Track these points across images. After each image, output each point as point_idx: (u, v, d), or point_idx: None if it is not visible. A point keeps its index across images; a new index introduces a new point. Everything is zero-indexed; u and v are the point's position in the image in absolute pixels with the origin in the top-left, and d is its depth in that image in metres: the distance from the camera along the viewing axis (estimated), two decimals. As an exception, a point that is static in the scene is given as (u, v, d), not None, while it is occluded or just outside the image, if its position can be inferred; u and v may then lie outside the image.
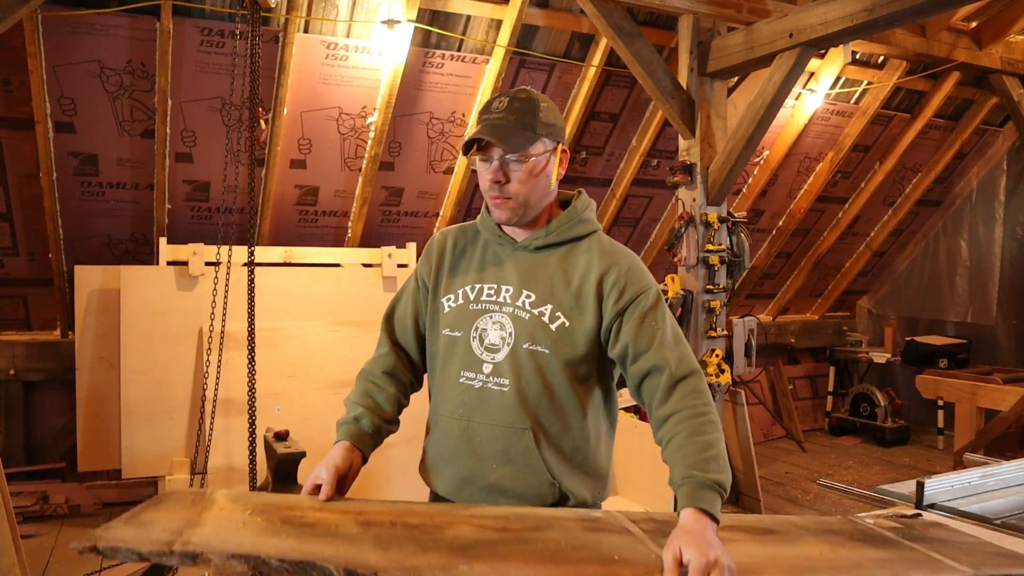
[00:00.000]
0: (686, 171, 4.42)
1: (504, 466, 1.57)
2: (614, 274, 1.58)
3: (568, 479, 1.58)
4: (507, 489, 1.57)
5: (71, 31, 3.77)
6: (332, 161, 4.64)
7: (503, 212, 1.60)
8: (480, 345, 1.60)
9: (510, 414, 1.56)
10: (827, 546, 1.50)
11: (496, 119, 1.56)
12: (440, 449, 1.65)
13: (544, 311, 1.58)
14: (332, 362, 4.43)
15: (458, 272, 1.68)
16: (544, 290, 1.59)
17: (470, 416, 1.59)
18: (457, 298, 1.65)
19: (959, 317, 6.70)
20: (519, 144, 1.55)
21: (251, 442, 3.41)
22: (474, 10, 4.29)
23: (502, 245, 1.66)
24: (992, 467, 2.09)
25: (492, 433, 1.57)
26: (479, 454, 1.58)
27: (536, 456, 1.56)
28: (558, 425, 1.58)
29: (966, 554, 1.52)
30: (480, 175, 1.61)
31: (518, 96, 1.59)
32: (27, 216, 4.28)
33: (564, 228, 1.63)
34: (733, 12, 4.25)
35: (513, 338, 1.57)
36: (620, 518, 1.52)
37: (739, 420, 4.86)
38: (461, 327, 1.62)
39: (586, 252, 1.62)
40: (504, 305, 1.60)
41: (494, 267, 1.64)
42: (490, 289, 1.62)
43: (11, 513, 2.67)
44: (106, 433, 4.41)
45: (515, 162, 1.56)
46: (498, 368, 1.57)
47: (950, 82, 5.67)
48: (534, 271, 1.61)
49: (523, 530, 1.41)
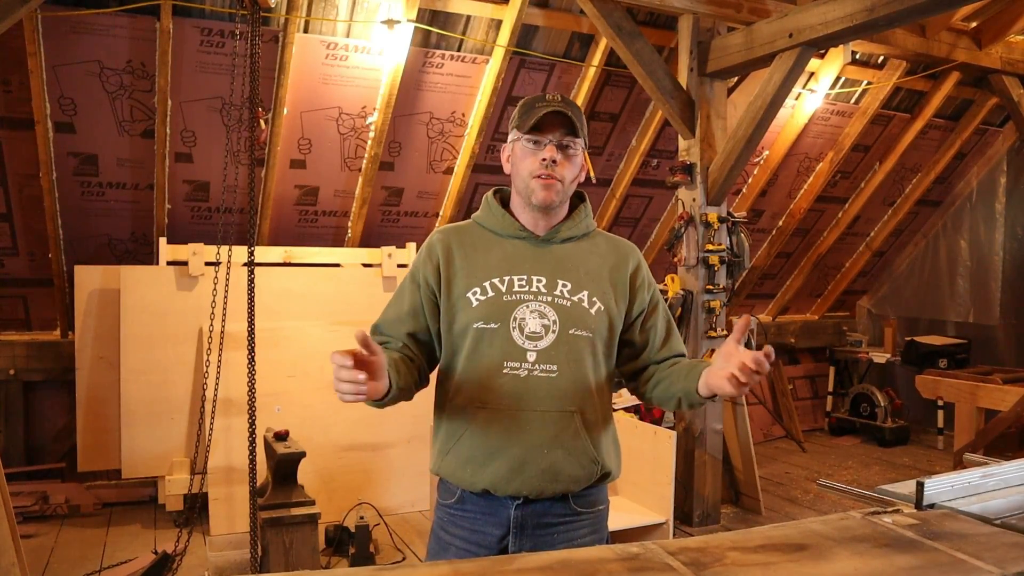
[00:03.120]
0: (686, 171, 4.42)
1: (556, 450, 1.63)
2: (643, 270, 1.78)
3: (606, 456, 1.70)
4: (560, 472, 1.63)
5: (71, 31, 3.77)
6: (332, 161, 4.64)
7: (550, 193, 1.65)
8: (521, 334, 1.63)
9: (560, 399, 1.63)
10: (858, 558, 1.51)
11: (558, 106, 1.65)
12: (482, 443, 1.64)
13: (583, 297, 1.67)
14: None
15: (477, 266, 1.68)
16: (577, 278, 1.69)
17: (518, 405, 1.62)
18: (486, 291, 1.65)
19: (959, 317, 6.70)
20: (580, 130, 1.67)
21: (251, 442, 3.41)
22: (474, 10, 4.29)
23: (523, 239, 1.71)
24: (992, 467, 2.09)
25: (543, 419, 1.62)
26: (530, 441, 1.62)
27: (584, 437, 1.65)
28: (595, 404, 1.68)
29: (987, 550, 1.54)
30: (526, 157, 1.67)
31: (563, 95, 1.70)
32: (27, 216, 4.29)
33: (583, 222, 1.76)
34: (733, 12, 4.25)
35: (559, 325, 1.64)
36: (658, 552, 1.51)
37: (739, 420, 4.85)
38: (497, 318, 1.64)
39: (604, 243, 1.78)
40: (540, 294, 1.66)
41: (520, 260, 1.68)
42: (521, 280, 1.66)
43: (11, 513, 2.67)
44: (106, 433, 4.41)
45: (569, 147, 1.67)
46: (544, 355, 1.63)
47: (950, 82, 5.67)
48: (563, 262, 1.70)
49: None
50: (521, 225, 1.71)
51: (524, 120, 1.67)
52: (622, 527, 3.73)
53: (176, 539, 3.76)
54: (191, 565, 3.73)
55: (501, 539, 1.67)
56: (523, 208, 1.71)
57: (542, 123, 1.64)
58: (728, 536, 1.68)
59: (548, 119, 1.64)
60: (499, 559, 1.57)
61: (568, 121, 1.65)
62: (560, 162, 1.65)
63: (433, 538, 1.77)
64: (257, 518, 3.25)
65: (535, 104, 1.67)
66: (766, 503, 4.80)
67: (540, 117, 1.63)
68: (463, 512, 1.70)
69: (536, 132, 1.65)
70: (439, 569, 1.50)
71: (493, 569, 1.48)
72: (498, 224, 1.72)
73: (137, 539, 4.10)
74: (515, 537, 1.66)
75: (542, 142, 1.65)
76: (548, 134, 1.65)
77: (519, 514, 1.65)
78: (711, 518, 4.49)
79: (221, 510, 3.98)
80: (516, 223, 1.71)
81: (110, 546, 4.00)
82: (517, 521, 1.65)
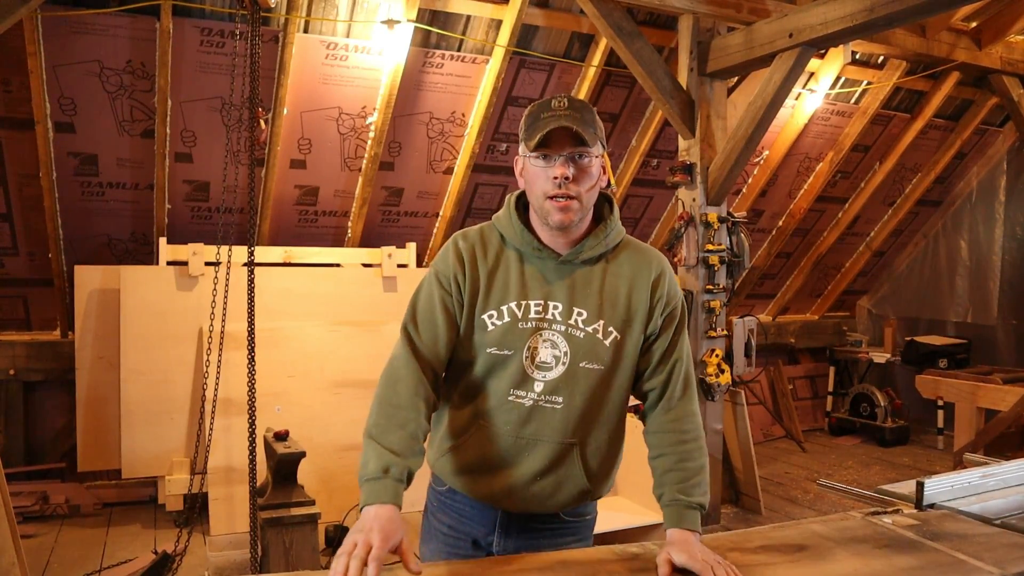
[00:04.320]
0: (686, 171, 4.42)
1: (549, 477, 1.61)
2: (663, 282, 1.64)
3: (599, 483, 1.67)
4: (548, 497, 1.62)
5: (71, 31, 3.77)
6: (332, 161, 4.64)
7: (567, 215, 1.53)
8: (531, 364, 1.58)
9: (561, 431, 1.59)
10: (859, 559, 1.52)
11: (563, 115, 1.52)
12: (479, 458, 1.63)
13: (597, 327, 1.59)
14: (332, 362, 4.43)
15: (496, 286, 1.60)
16: (594, 306, 1.59)
17: (519, 433, 1.60)
18: (502, 315, 1.58)
19: (959, 317, 6.70)
20: (591, 139, 1.53)
21: (251, 442, 3.41)
22: (474, 10, 4.29)
23: (542, 259, 1.60)
24: (992, 467, 2.09)
25: (542, 449, 1.60)
26: (525, 467, 1.60)
27: (579, 467, 1.62)
28: (601, 435, 1.64)
29: (987, 550, 1.54)
30: (538, 177, 1.55)
31: (572, 98, 1.57)
32: (27, 216, 4.28)
33: (608, 238, 1.62)
34: (733, 12, 4.25)
35: (569, 357, 1.58)
36: (657, 551, 1.52)
37: (739, 420, 4.85)
38: (512, 346, 1.57)
39: (627, 260, 1.64)
40: (555, 323, 1.58)
41: (537, 283, 1.59)
42: (537, 306, 1.58)
43: (11, 513, 2.66)
44: (106, 433, 4.41)
45: (582, 159, 1.54)
46: (550, 385, 1.58)
47: (950, 82, 5.66)
48: (581, 286, 1.60)
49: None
50: (540, 243, 1.60)
51: (530, 134, 1.54)
52: (622, 527, 3.73)
53: (176, 539, 3.76)
54: (191, 565, 3.73)
55: (486, 536, 1.68)
56: (542, 225, 1.60)
57: (549, 138, 1.52)
58: (728, 536, 1.68)
59: (555, 134, 1.52)
60: (499, 559, 1.57)
61: (575, 132, 1.51)
62: (574, 176, 1.52)
63: (424, 520, 1.79)
64: (257, 518, 3.25)
65: (540, 115, 1.55)
66: (766, 503, 4.80)
67: (545, 134, 1.51)
68: (452, 502, 1.70)
69: (544, 147, 1.53)
70: (438, 569, 1.50)
71: (493, 569, 1.48)
72: (517, 240, 1.61)
73: (137, 539, 4.10)
74: (499, 537, 1.67)
75: (552, 157, 1.53)
76: (557, 149, 1.52)
77: (505, 518, 1.66)
78: (711, 518, 4.49)
79: (221, 510, 3.98)
80: (535, 241, 1.60)
81: (110, 546, 4.00)
82: (503, 523, 1.66)
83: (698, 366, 4.41)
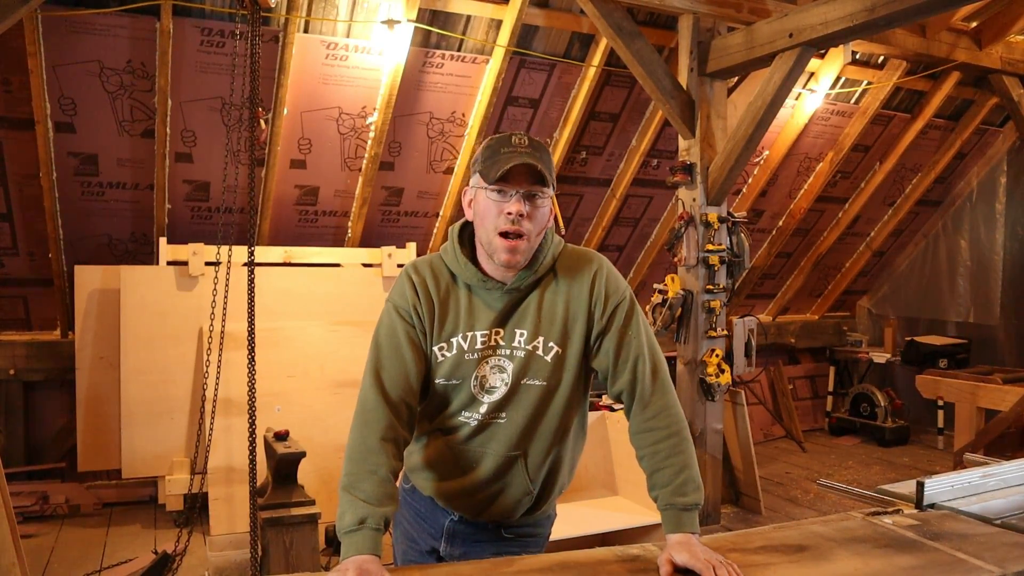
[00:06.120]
0: (686, 171, 4.42)
1: (496, 484, 1.70)
2: (599, 281, 1.66)
3: (545, 488, 1.74)
4: (493, 501, 1.71)
5: (71, 31, 3.77)
6: (332, 161, 4.64)
7: (514, 256, 1.58)
8: (481, 389, 1.65)
9: (506, 444, 1.67)
10: (859, 559, 1.52)
11: (524, 151, 1.55)
12: (435, 462, 1.73)
13: (537, 344, 1.64)
14: (332, 362, 4.43)
15: (448, 319, 1.65)
16: (533, 324, 1.64)
17: (469, 446, 1.68)
18: (451, 347, 1.64)
19: (960, 317, 6.70)
20: (548, 179, 1.58)
21: (251, 442, 3.40)
22: (474, 10, 4.29)
23: (488, 290, 1.64)
24: (992, 467, 2.09)
25: (490, 460, 1.68)
26: (476, 475, 1.69)
27: (523, 476, 1.69)
28: (545, 444, 1.69)
29: (987, 549, 1.54)
30: (490, 211, 1.57)
31: (531, 136, 1.61)
32: (27, 216, 4.28)
33: (542, 264, 1.66)
34: (733, 12, 4.25)
35: (511, 376, 1.64)
36: (658, 553, 1.54)
37: (739, 420, 4.85)
38: (461, 376, 1.64)
39: (565, 273, 1.67)
40: (499, 348, 1.64)
41: (483, 312, 1.65)
42: (483, 336, 1.64)
43: (11, 513, 2.66)
44: (106, 433, 4.41)
45: (538, 197, 1.58)
46: (495, 405, 1.65)
47: (950, 82, 5.66)
48: (523, 309, 1.65)
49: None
50: (485, 274, 1.64)
51: (489, 168, 1.56)
52: (622, 527, 3.74)
53: (176, 539, 3.76)
54: (191, 565, 3.73)
55: (434, 540, 1.78)
56: (487, 258, 1.63)
57: (509, 173, 1.55)
58: (728, 537, 1.68)
59: (515, 170, 1.55)
60: (499, 560, 1.58)
61: (536, 170, 1.55)
62: (528, 214, 1.56)
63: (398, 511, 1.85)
64: (257, 518, 3.25)
65: (500, 150, 1.57)
66: (766, 503, 4.80)
67: (506, 170, 1.54)
68: (411, 499, 1.82)
69: (502, 182, 1.56)
70: (438, 570, 1.50)
71: (493, 570, 1.49)
72: (461, 272, 1.65)
73: (137, 539, 4.10)
74: (447, 543, 1.76)
75: (508, 192, 1.56)
76: (514, 185, 1.56)
77: (452, 527, 1.75)
78: (711, 518, 4.49)
79: (221, 510, 3.98)
80: (478, 274, 1.63)
81: (110, 546, 4.00)
82: (449, 532, 1.76)
83: (698, 366, 4.41)
